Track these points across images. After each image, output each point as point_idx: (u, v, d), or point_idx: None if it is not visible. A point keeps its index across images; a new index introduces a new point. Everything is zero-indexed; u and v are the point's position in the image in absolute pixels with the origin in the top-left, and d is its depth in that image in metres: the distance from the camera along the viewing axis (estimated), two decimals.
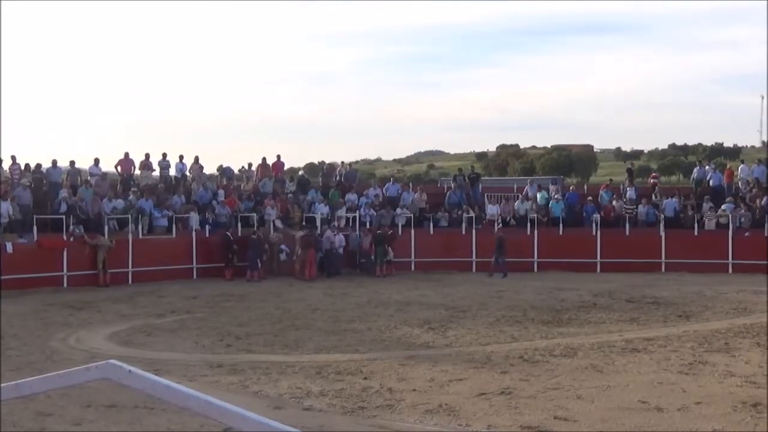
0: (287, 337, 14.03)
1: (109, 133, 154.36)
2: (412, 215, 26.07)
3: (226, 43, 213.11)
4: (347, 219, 25.76)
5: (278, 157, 29.09)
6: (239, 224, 24.50)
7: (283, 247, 23.76)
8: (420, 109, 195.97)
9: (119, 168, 25.98)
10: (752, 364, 11.47)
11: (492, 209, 26.72)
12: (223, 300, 18.85)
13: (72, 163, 25.33)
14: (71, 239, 21.63)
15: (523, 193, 27.56)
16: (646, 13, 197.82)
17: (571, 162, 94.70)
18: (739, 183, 27.01)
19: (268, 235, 24.05)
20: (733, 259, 24.33)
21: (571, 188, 31.26)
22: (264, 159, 28.45)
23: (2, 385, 2.85)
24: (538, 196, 27.08)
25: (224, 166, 28.35)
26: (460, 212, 26.34)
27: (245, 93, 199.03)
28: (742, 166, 28.49)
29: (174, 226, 23.49)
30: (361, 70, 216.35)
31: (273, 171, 28.23)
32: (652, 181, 31.62)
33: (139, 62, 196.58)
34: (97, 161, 25.59)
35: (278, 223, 24.98)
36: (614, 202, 26.58)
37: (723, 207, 25.46)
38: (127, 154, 26.05)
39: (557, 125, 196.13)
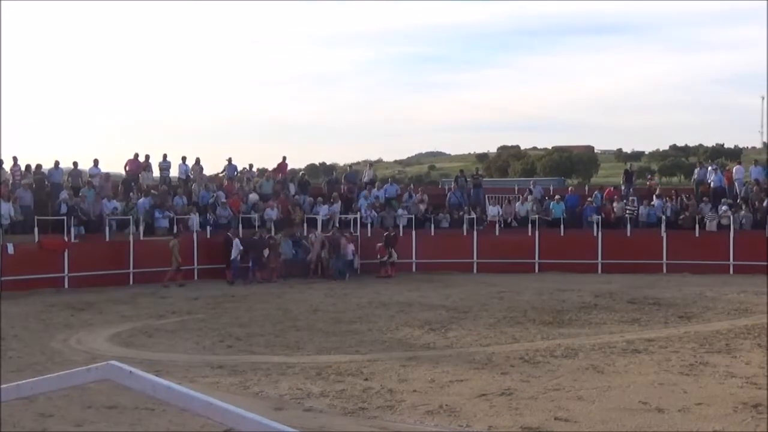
0: (288, 338, 14.04)
1: (109, 133, 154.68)
2: (413, 216, 26.07)
3: (227, 43, 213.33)
4: (350, 220, 25.75)
5: (283, 158, 29.17)
6: (240, 225, 24.52)
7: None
8: (421, 110, 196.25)
9: (127, 168, 26.00)
10: (753, 365, 11.47)
11: (493, 210, 26.74)
12: (224, 301, 18.86)
13: (75, 164, 25.36)
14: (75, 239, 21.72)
15: (524, 194, 27.57)
16: (646, 13, 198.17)
17: (571, 163, 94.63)
18: (736, 184, 26.98)
19: (269, 236, 24.03)
20: (734, 260, 24.31)
21: (570, 189, 31.28)
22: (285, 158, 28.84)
23: (3, 386, 2.86)
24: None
25: (232, 162, 28.17)
26: (461, 213, 26.35)
27: (246, 94, 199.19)
28: (737, 167, 28.44)
29: (175, 227, 23.48)
30: (362, 70, 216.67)
31: (278, 172, 28.30)
32: (648, 183, 31.54)
33: (140, 62, 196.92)
34: (96, 162, 25.63)
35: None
36: (615, 204, 26.55)
37: (723, 208, 25.44)
38: (136, 155, 26.08)
39: (558, 126, 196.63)
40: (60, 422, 8.30)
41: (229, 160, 27.96)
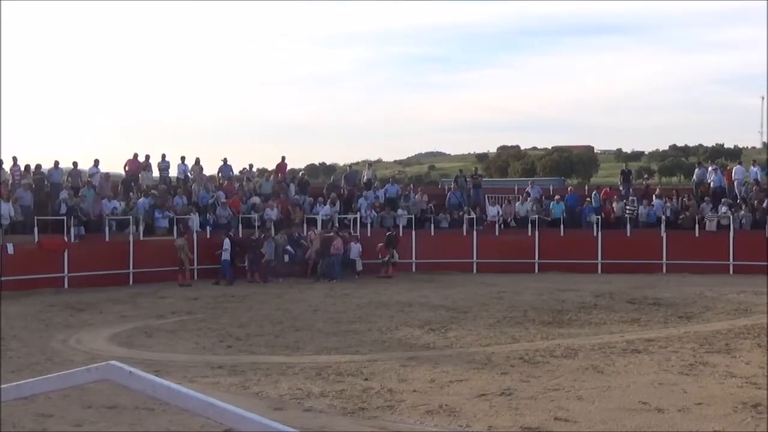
0: (288, 338, 14.03)
1: (109, 133, 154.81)
2: (413, 216, 26.06)
3: (227, 43, 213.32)
4: (349, 221, 25.75)
5: (283, 158, 29.17)
6: (240, 225, 24.53)
7: (288, 248, 23.73)
8: (421, 110, 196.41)
9: (127, 168, 26.00)
10: (753, 365, 11.46)
11: (493, 210, 26.74)
12: (224, 301, 18.86)
13: (75, 164, 25.36)
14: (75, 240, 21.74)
15: (524, 194, 27.56)
16: (646, 13, 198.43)
17: (571, 163, 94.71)
18: (735, 184, 26.95)
19: (271, 236, 24.01)
20: (734, 260, 24.31)
21: (570, 189, 31.25)
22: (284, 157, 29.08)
23: (3, 386, 2.85)
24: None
25: (227, 162, 28.13)
26: (461, 213, 26.34)
27: (246, 94, 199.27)
28: (737, 167, 28.39)
29: (175, 227, 23.46)
30: (362, 71, 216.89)
31: (277, 172, 28.32)
32: (644, 182, 31.32)
33: (140, 62, 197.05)
34: (96, 162, 25.64)
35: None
36: (614, 204, 26.54)
37: (723, 210, 25.42)
38: (135, 155, 26.09)
39: (558, 126, 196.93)
40: (60, 422, 8.29)
41: (224, 160, 27.94)
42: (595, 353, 12.32)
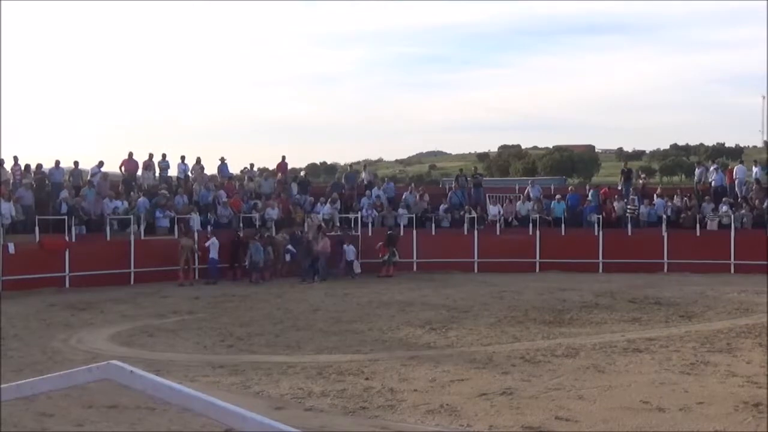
0: (289, 337, 14.03)
1: (109, 133, 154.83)
2: (413, 216, 26.04)
3: (228, 44, 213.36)
4: (350, 220, 25.74)
5: (283, 158, 29.14)
6: (241, 225, 24.52)
7: (289, 247, 23.70)
8: (422, 110, 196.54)
9: (123, 168, 25.99)
10: (754, 364, 11.46)
11: (493, 210, 26.72)
12: (225, 300, 18.85)
13: (76, 164, 25.36)
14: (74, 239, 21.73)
15: (525, 193, 27.53)
16: (646, 13, 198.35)
17: (572, 162, 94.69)
18: (736, 183, 26.92)
19: (272, 235, 24.00)
20: (735, 259, 24.29)
21: (570, 189, 31.21)
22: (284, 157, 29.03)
23: (3, 385, 2.85)
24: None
25: (225, 162, 28.11)
26: (462, 213, 26.32)
27: (247, 94, 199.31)
28: (738, 166, 28.35)
29: (176, 226, 23.45)
30: (363, 70, 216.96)
31: (277, 172, 28.30)
32: (641, 181, 31.14)
33: (140, 62, 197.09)
34: (101, 163, 25.64)
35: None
36: (615, 203, 26.52)
37: (724, 209, 25.40)
38: (131, 154, 26.07)
39: (559, 126, 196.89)
40: (60, 422, 8.29)
41: (222, 159, 27.95)
42: (596, 352, 12.32)
